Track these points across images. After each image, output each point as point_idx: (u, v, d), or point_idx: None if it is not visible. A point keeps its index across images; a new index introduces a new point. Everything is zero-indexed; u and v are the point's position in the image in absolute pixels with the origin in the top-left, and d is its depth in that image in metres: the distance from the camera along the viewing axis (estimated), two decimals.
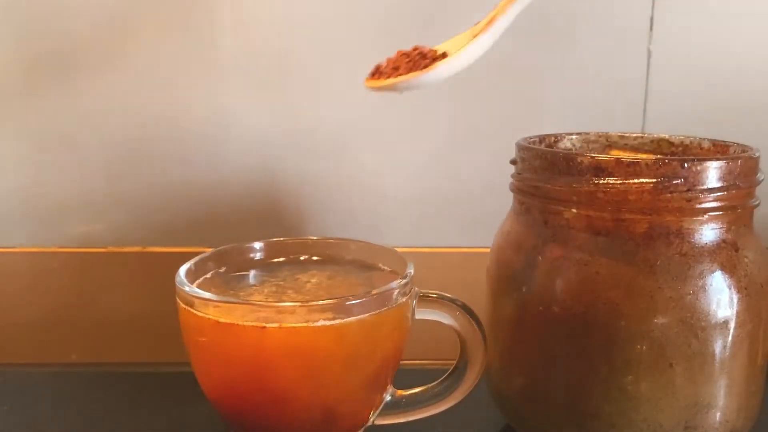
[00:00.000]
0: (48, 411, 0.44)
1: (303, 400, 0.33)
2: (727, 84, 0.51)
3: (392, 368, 0.36)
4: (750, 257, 0.33)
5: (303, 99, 0.51)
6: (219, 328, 0.32)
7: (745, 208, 0.34)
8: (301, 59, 0.51)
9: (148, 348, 0.53)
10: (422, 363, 0.44)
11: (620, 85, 0.51)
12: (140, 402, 0.45)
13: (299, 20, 0.50)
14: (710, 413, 0.33)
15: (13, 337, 0.53)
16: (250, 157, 0.52)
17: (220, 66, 0.50)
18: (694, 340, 0.32)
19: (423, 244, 0.53)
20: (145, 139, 0.51)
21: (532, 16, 0.50)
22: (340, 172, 0.52)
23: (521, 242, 0.36)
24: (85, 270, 0.52)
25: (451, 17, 0.50)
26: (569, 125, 0.46)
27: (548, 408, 0.35)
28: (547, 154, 0.35)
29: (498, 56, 0.50)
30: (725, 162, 0.33)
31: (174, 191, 0.52)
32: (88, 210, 0.52)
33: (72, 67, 0.50)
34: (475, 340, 0.37)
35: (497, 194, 0.41)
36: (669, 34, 0.50)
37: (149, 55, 0.50)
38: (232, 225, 0.53)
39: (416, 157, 0.52)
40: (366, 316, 0.32)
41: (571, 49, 0.51)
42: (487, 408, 0.40)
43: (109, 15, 0.49)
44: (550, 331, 0.35)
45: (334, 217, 0.53)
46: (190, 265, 0.36)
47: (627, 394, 0.33)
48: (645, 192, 0.32)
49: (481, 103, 0.51)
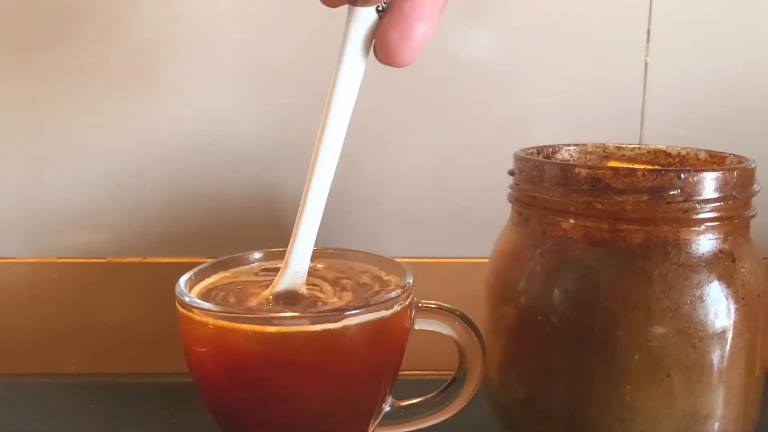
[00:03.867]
0: (47, 422, 0.44)
1: (302, 410, 0.33)
2: (723, 96, 0.51)
3: (391, 378, 0.36)
4: (747, 267, 0.34)
5: (302, 110, 0.51)
6: (219, 338, 0.32)
7: (741, 218, 0.34)
8: (302, 71, 0.51)
9: (148, 358, 0.53)
10: (421, 373, 0.44)
11: (618, 96, 0.52)
12: (140, 412, 0.45)
13: (299, 30, 0.50)
14: (708, 423, 0.33)
15: (13, 347, 0.53)
16: (250, 168, 0.52)
17: (219, 77, 0.51)
18: (692, 350, 0.32)
19: (422, 255, 0.53)
20: (144, 150, 0.51)
21: (531, 29, 0.51)
22: (340, 183, 0.52)
23: (519, 252, 0.37)
24: (85, 280, 0.52)
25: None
26: (567, 136, 0.46)
27: (546, 418, 0.35)
28: (544, 164, 0.35)
29: (496, 68, 0.51)
30: (722, 173, 0.33)
31: (173, 202, 0.52)
32: (88, 220, 0.52)
33: (73, 78, 0.50)
34: (474, 350, 0.37)
35: (495, 205, 0.41)
36: (666, 46, 0.51)
37: (148, 67, 0.50)
38: (232, 235, 0.53)
39: (415, 167, 0.52)
40: (365, 326, 0.32)
41: (569, 61, 0.51)
42: (486, 418, 0.40)
43: (108, 25, 0.50)
44: (548, 341, 0.35)
45: (334, 227, 0.53)
46: (190, 275, 0.36)
47: (625, 404, 0.33)
48: (642, 203, 0.32)
49: (479, 115, 0.52)
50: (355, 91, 0.31)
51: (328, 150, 0.32)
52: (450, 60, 0.51)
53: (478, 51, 0.51)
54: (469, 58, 0.51)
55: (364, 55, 0.30)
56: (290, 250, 0.34)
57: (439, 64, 0.51)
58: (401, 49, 0.29)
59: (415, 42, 0.28)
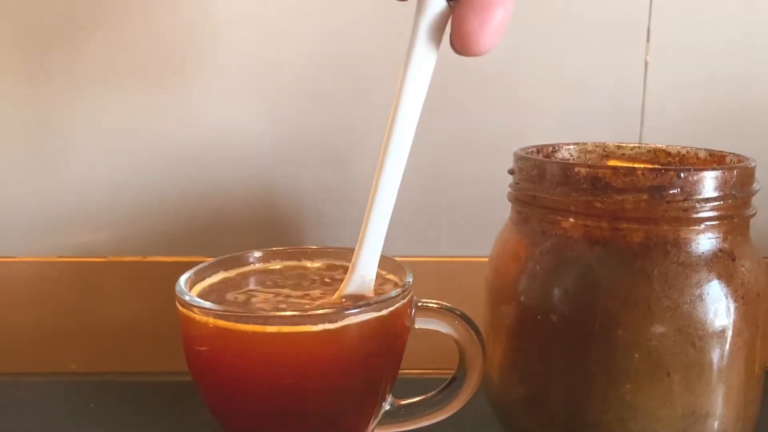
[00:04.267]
0: (47, 421, 0.44)
1: (302, 409, 0.33)
2: (723, 94, 0.51)
3: (391, 377, 0.36)
4: (747, 266, 0.34)
5: (302, 109, 0.51)
6: (219, 337, 0.32)
7: (741, 217, 0.34)
8: (300, 69, 0.51)
9: (148, 357, 0.53)
10: (421, 372, 0.44)
11: (617, 95, 0.52)
12: (140, 412, 0.45)
13: (298, 30, 0.50)
14: (708, 422, 0.33)
15: (12, 346, 0.53)
16: (250, 167, 0.52)
17: (219, 76, 0.51)
18: (692, 349, 0.32)
19: (421, 253, 0.53)
20: (144, 149, 0.51)
21: (530, 27, 0.51)
22: (339, 182, 0.52)
23: (519, 251, 0.37)
24: (86, 279, 0.52)
25: None
26: (567, 135, 0.46)
27: (546, 417, 0.36)
28: (544, 163, 0.35)
29: (496, 67, 0.51)
30: (721, 172, 0.33)
31: (174, 201, 0.52)
32: (88, 219, 0.52)
33: (73, 78, 0.50)
34: (474, 349, 0.37)
35: (495, 204, 0.41)
36: (666, 44, 0.51)
37: (148, 66, 0.50)
38: (232, 234, 0.53)
39: (415, 166, 0.52)
40: (365, 325, 0.32)
41: (568, 60, 0.51)
42: (486, 417, 0.40)
43: (109, 24, 0.50)
44: (548, 340, 0.35)
45: (333, 226, 0.53)
46: (190, 274, 0.36)
47: (625, 403, 0.33)
48: (642, 202, 0.32)
49: (479, 113, 0.52)
50: (425, 86, 0.30)
51: (397, 150, 0.31)
52: (450, 58, 0.51)
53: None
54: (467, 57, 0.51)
55: (434, 47, 0.29)
56: (357, 254, 0.33)
57: (439, 61, 0.51)
58: (480, 35, 0.27)
59: (494, 27, 0.27)
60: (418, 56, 0.29)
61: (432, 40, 0.29)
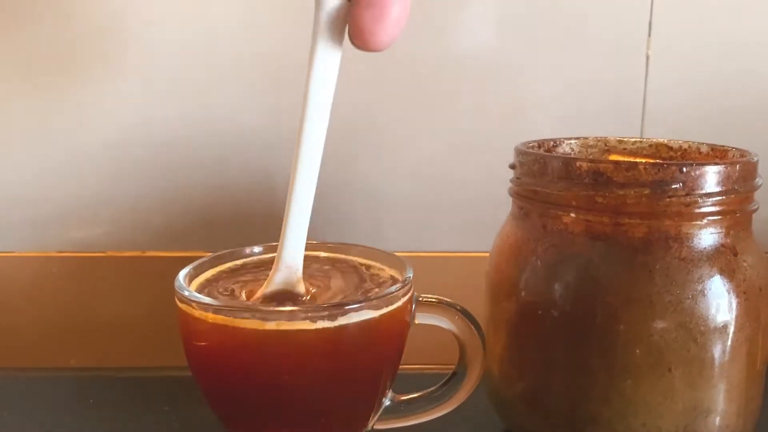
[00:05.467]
0: (46, 416, 0.44)
1: (302, 404, 0.33)
2: (725, 89, 0.51)
3: (391, 372, 0.36)
4: (749, 261, 0.34)
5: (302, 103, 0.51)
6: (218, 332, 0.32)
7: (743, 212, 0.34)
8: (301, 63, 0.51)
9: (147, 352, 0.53)
10: (421, 368, 0.44)
11: (619, 90, 0.51)
12: (139, 407, 0.45)
13: (298, 24, 0.50)
14: (709, 418, 0.33)
15: (12, 342, 0.53)
16: (250, 162, 0.52)
17: (219, 70, 0.50)
18: (693, 344, 0.32)
19: (422, 249, 0.53)
20: (144, 144, 0.51)
21: (531, 21, 0.50)
22: (340, 177, 0.52)
23: (520, 246, 0.36)
24: (84, 274, 0.52)
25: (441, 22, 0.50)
26: (568, 130, 0.46)
27: (547, 413, 0.35)
28: (545, 158, 0.35)
29: (497, 61, 0.51)
30: (723, 166, 0.33)
31: (173, 195, 0.52)
32: (87, 214, 0.52)
33: (72, 71, 0.50)
34: (474, 344, 0.37)
35: (496, 199, 0.41)
36: (667, 38, 0.51)
37: (149, 60, 0.50)
38: (232, 229, 0.53)
39: (415, 161, 0.52)
40: (365, 320, 0.32)
41: (570, 54, 0.51)
42: (486, 413, 0.40)
43: (108, 17, 0.49)
44: (549, 335, 0.35)
45: (334, 221, 0.53)
46: (190, 269, 0.36)
47: (626, 399, 0.33)
48: (643, 196, 0.32)
49: (480, 108, 0.51)
50: (332, 80, 0.30)
51: (310, 142, 0.31)
52: (450, 53, 0.51)
53: (478, 44, 0.51)
54: (468, 50, 0.51)
55: (337, 42, 0.30)
56: (281, 247, 0.34)
57: (439, 57, 0.50)
58: (376, 31, 0.28)
59: (390, 23, 0.28)
60: (321, 51, 0.30)
61: (333, 35, 0.30)
